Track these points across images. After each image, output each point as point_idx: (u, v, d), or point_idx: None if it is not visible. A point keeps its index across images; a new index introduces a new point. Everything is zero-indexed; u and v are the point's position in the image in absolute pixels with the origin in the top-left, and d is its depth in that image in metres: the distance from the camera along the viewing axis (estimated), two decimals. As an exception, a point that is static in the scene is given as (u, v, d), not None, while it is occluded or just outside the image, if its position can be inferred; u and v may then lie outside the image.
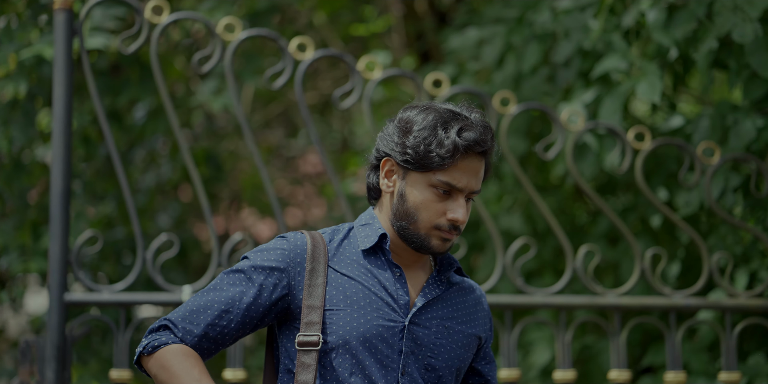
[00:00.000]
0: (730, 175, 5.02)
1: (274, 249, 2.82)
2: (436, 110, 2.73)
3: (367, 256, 2.79)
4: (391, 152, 2.76)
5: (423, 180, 2.72)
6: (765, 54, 4.70)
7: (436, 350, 2.79)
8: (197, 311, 2.79)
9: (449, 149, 2.68)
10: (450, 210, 2.72)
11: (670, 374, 4.59)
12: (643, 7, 5.25)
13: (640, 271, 4.66)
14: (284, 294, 2.78)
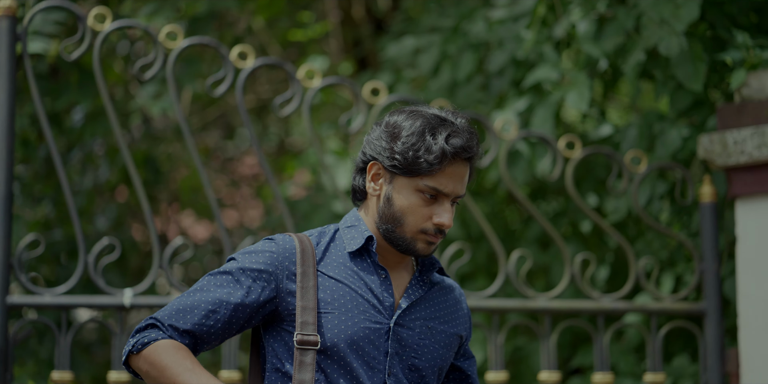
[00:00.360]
0: (657, 182, 5.18)
1: (263, 251, 2.83)
2: (423, 116, 2.76)
3: (354, 258, 2.81)
4: (378, 156, 2.77)
5: (410, 185, 2.75)
6: (690, 66, 4.85)
7: (420, 351, 2.83)
8: (184, 311, 2.79)
9: (437, 155, 2.70)
10: (436, 214, 2.75)
11: (598, 375, 4.73)
12: (574, 18, 5.39)
13: (570, 276, 4.80)
14: (272, 297, 2.80)
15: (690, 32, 5.00)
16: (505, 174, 4.80)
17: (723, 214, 4.98)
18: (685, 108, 5.14)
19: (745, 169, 4.63)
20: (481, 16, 6.02)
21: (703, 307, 4.79)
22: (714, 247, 4.77)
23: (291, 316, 2.79)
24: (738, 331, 4.66)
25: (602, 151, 4.90)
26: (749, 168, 4.61)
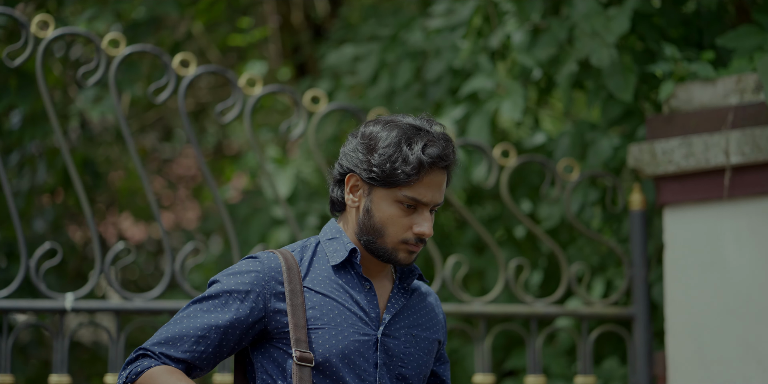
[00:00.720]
0: (589, 190, 5.31)
1: (248, 272, 2.80)
2: (398, 126, 2.75)
3: (338, 271, 2.80)
4: (355, 168, 2.76)
5: (389, 196, 2.74)
6: (621, 77, 4.99)
7: (406, 359, 2.83)
8: (173, 338, 2.76)
9: (414, 166, 2.70)
10: (416, 224, 2.74)
11: (530, 378, 4.84)
12: (509, 29, 5.51)
13: (505, 281, 4.91)
14: (261, 316, 2.77)
15: (621, 44, 5.14)
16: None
17: (652, 221, 5.12)
18: (616, 118, 5.27)
19: (673, 178, 4.76)
20: (419, 25, 6.12)
21: (632, 311, 4.93)
22: (643, 254, 4.90)
23: (281, 333, 2.77)
24: (665, 335, 4.80)
25: (536, 160, 5.02)
26: (677, 177, 4.75)
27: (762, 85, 4.54)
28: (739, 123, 4.62)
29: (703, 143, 4.67)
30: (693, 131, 4.73)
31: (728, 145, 4.61)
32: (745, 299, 4.53)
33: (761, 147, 4.53)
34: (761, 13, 5.38)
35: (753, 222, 4.55)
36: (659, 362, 4.83)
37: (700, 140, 4.67)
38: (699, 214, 4.69)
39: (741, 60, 4.81)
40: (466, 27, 5.66)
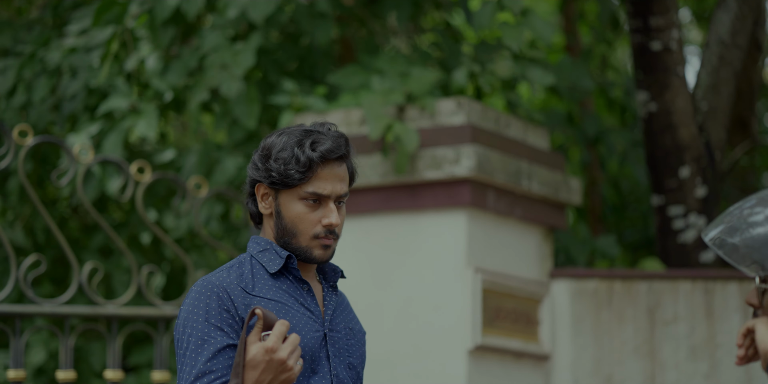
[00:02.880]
0: (215, 204, 5.84)
1: (202, 298, 2.83)
2: (290, 132, 2.91)
3: (277, 278, 2.91)
4: (260, 178, 2.90)
5: (293, 195, 2.87)
6: (246, 106, 5.56)
7: (350, 350, 2.98)
8: (198, 378, 2.81)
9: (305, 163, 2.84)
10: (323, 216, 2.87)
11: (156, 373, 5.28)
12: (143, 54, 5.95)
13: (138, 284, 5.33)
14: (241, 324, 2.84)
15: (247, 76, 5.71)
16: (82, 194, 5.25)
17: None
18: (240, 140, 5.84)
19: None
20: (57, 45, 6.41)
21: (250, 312, 5.49)
22: (261, 262, 5.48)
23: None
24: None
25: (169, 177, 5.48)
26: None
27: (366, 119, 5.24)
28: (347, 151, 5.29)
29: (316, 167, 5.31)
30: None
31: (337, 169, 5.27)
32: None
33: (364, 173, 5.23)
34: (364, 54, 6.14)
35: (355, 237, 5.23)
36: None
37: (314, 165, 5.31)
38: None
39: (348, 96, 5.50)
40: (104, 48, 6.02)
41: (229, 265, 2.93)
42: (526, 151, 5.50)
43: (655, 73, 6.30)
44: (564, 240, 6.37)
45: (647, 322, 5.49)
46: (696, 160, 6.24)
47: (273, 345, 2.62)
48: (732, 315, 5.44)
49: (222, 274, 2.87)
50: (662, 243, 6.27)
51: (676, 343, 5.46)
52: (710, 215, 6.23)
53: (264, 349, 2.63)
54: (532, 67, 5.81)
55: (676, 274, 5.57)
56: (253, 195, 2.95)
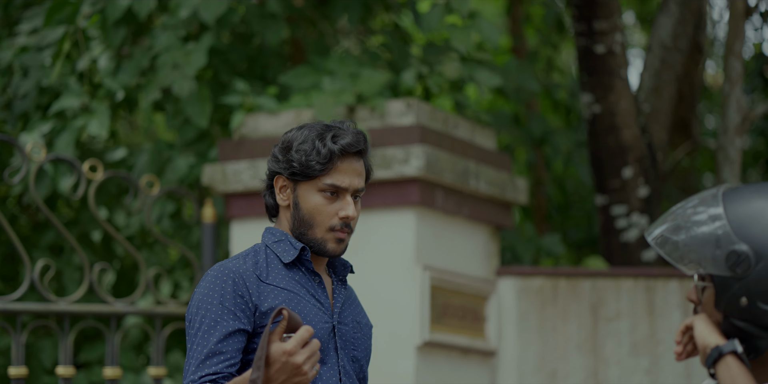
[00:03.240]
0: (167, 203, 5.88)
1: (218, 282, 2.88)
2: (311, 127, 2.98)
3: (290, 269, 2.95)
4: (279, 170, 2.96)
5: (311, 187, 2.93)
6: (198, 105, 5.61)
7: (356, 343, 3.02)
8: (209, 357, 2.84)
9: (326, 155, 2.90)
10: (340, 209, 2.93)
11: (108, 370, 5.32)
12: (95, 54, 5.98)
13: (89, 281, 5.36)
14: (253, 310, 2.89)
15: (199, 76, 5.75)
16: (34, 192, 5.27)
17: (221, 231, 5.77)
18: (192, 140, 5.88)
19: (241, 195, 5.44)
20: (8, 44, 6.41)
21: (201, 309, 5.54)
22: (212, 259, 5.53)
23: (261, 328, 2.88)
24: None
25: (121, 175, 5.52)
26: (244, 195, 5.43)
27: (317, 119, 5.30)
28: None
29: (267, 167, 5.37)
30: (259, 156, 5.42)
31: (288, 169, 5.34)
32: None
33: (315, 172, 5.29)
34: (315, 55, 6.21)
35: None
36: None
37: (265, 164, 5.36)
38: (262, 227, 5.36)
39: (299, 96, 5.57)
40: (55, 48, 6.04)
41: (244, 253, 2.97)
42: (474, 151, 5.60)
43: (599, 75, 6.42)
44: (510, 238, 6.47)
45: (591, 319, 5.60)
46: (639, 161, 6.38)
47: (292, 348, 2.64)
48: (672, 312, 5.57)
49: (239, 262, 2.91)
50: (605, 242, 6.41)
51: (618, 339, 5.58)
52: (652, 215, 6.36)
53: (282, 351, 2.64)
54: (480, 69, 5.91)
55: (618, 272, 5.69)
56: (271, 187, 3.00)
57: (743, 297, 2.38)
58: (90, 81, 6.04)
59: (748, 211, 2.40)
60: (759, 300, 2.38)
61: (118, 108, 6.20)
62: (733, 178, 6.66)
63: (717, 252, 2.40)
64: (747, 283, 2.38)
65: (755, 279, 2.37)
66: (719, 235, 2.40)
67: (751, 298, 2.38)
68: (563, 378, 5.57)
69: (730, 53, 6.69)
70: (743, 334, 2.41)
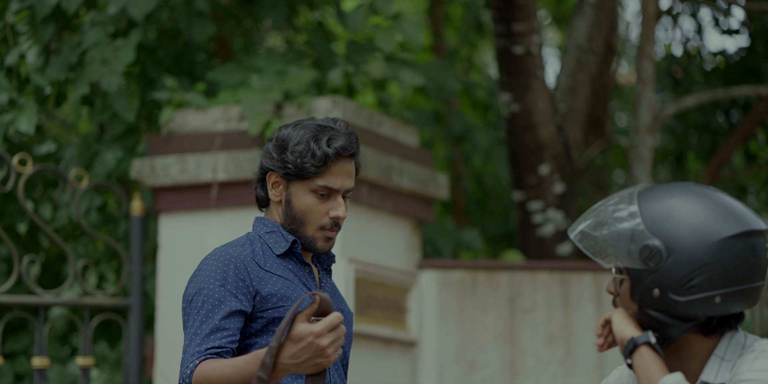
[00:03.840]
0: (94, 196, 5.93)
1: (220, 266, 2.96)
2: (305, 126, 3.06)
3: (283, 259, 3.05)
4: (273, 167, 3.04)
5: (304, 187, 3.03)
6: (126, 100, 5.67)
7: None
8: (213, 332, 2.91)
9: (320, 158, 3.00)
10: (331, 209, 3.02)
11: (36, 360, 5.37)
12: (23, 49, 6.01)
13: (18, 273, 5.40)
14: (254, 294, 2.97)
15: (127, 72, 5.81)
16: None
17: (148, 224, 5.84)
18: (120, 134, 5.94)
19: (169, 189, 5.52)
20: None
21: (129, 301, 5.61)
22: (140, 252, 5.61)
23: (262, 312, 2.97)
24: (155, 322, 5.54)
25: (50, 169, 5.57)
26: (172, 189, 5.51)
27: (245, 115, 5.40)
28: (226, 146, 5.46)
29: (196, 161, 5.46)
30: (187, 151, 5.50)
31: (216, 164, 5.43)
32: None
33: (243, 167, 5.40)
34: (242, 52, 6.30)
35: (234, 228, 5.39)
36: (149, 345, 5.56)
37: (193, 159, 5.46)
38: (190, 221, 5.48)
39: (226, 92, 5.65)
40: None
41: (240, 242, 3.05)
42: (397, 148, 5.74)
43: (517, 75, 6.60)
44: (431, 233, 6.62)
45: (508, 311, 5.77)
46: (555, 159, 6.57)
47: (320, 330, 2.67)
48: (586, 304, 5.76)
49: (238, 249, 3.00)
50: (522, 236, 6.59)
51: (534, 330, 5.76)
52: (567, 210, 6.56)
53: (310, 331, 2.68)
54: (403, 69, 6.04)
55: (535, 266, 5.87)
56: (263, 181, 3.09)
57: (656, 288, 2.53)
58: (18, 76, 6.06)
59: (660, 209, 2.55)
60: (670, 291, 2.53)
61: (45, 102, 6.22)
62: (644, 175, 6.89)
63: (632, 247, 2.54)
64: (659, 275, 2.53)
65: (666, 272, 2.52)
66: (634, 231, 2.55)
67: (663, 289, 2.53)
68: (481, 368, 5.73)
69: (642, 55, 6.91)
70: (657, 324, 2.56)
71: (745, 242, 2.53)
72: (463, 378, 5.71)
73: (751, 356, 2.52)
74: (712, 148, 10.04)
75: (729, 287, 2.52)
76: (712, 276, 2.51)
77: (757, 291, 2.55)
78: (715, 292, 2.52)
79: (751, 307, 2.58)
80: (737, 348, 2.57)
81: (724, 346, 2.57)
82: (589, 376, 5.70)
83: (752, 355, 2.52)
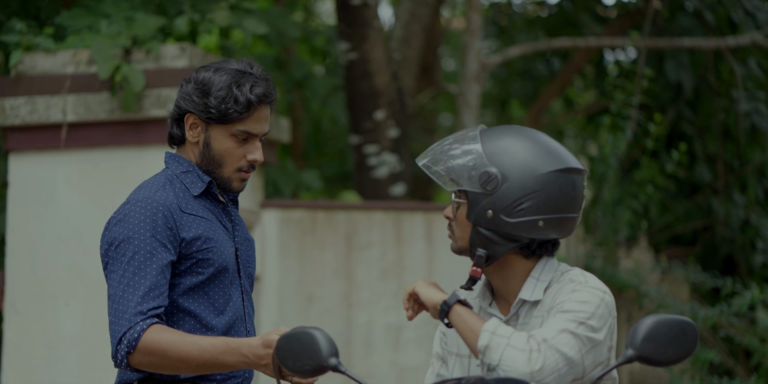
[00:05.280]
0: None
1: (149, 214, 3.00)
2: (227, 71, 3.06)
3: (200, 199, 3.10)
4: (193, 110, 3.05)
5: (224, 131, 3.05)
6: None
7: (249, 260, 3.22)
8: (150, 291, 2.97)
9: (244, 104, 3.02)
10: (249, 152, 3.08)
11: None
12: None
13: None
14: (179, 242, 3.03)
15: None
16: None
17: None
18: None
19: (19, 129, 5.58)
20: None
21: (-21, 238, 5.68)
22: (-10, 191, 5.67)
23: (187, 256, 3.04)
24: (5, 257, 5.62)
25: None
26: (22, 129, 5.58)
27: (95, 59, 5.49)
28: (75, 89, 5.54)
29: (45, 103, 5.53)
30: (37, 93, 5.57)
31: (66, 105, 5.52)
32: (73, 229, 5.48)
33: (92, 109, 5.50)
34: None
35: (83, 168, 5.52)
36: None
37: (43, 100, 5.53)
38: (40, 160, 5.56)
39: (75, 37, 5.71)
40: None
41: (160, 183, 3.09)
42: (242, 93, 5.90)
43: (354, 25, 6.83)
44: (273, 174, 6.83)
45: (345, 248, 6.05)
46: (389, 105, 6.84)
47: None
48: (418, 242, 6.08)
49: (163, 193, 3.04)
50: (358, 178, 6.87)
51: (369, 266, 6.05)
52: (401, 154, 6.86)
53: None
54: (248, 17, 6.19)
55: (370, 206, 6.15)
56: (178, 121, 3.11)
57: (490, 210, 2.86)
58: None
59: (499, 144, 2.89)
60: (502, 213, 2.86)
61: None
62: (471, 120, 7.23)
63: (473, 173, 2.86)
64: (494, 198, 2.86)
65: (500, 196, 2.85)
66: (476, 160, 2.86)
67: (496, 211, 2.86)
68: (319, 301, 6.00)
69: (471, 7, 7.21)
70: (487, 242, 2.88)
71: (567, 177, 2.87)
72: (302, 311, 5.97)
73: (569, 286, 2.85)
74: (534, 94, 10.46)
75: (551, 214, 2.86)
76: (538, 202, 2.85)
77: (573, 221, 2.90)
78: (540, 216, 2.85)
79: (566, 236, 2.93)
80: (551, 271, 2.91)
81: (540, 268, 2.92)
82: (419, 308, 6.03)
83: (571, 286, 2.85)
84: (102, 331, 5.35)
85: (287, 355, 2.75)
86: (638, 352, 2.70)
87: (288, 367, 2.76)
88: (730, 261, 8.94)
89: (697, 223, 8.79)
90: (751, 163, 8.71)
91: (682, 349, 2.71)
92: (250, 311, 3.18)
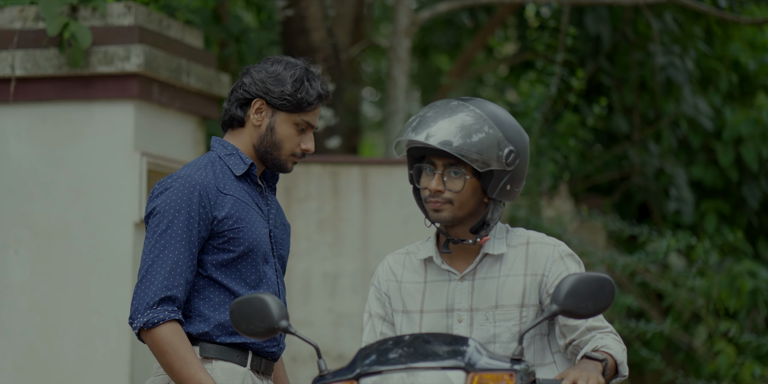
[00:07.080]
0: None
1: (186, 192, 3.23)
2: (298, 66, 3.33)
3: (239, 180, 3.32)
4: (265, 96, 3.28)
5: (290, 119, 3.30)
6: None
7: (283, 243, 3.44)
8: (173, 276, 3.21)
9: (315, 97, 3.29)
10: (304, 142, 3.34)
11: None
12: None
13: None
14: (211, 220, 3.26)
15: None
16: None
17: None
18: None
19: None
20: None
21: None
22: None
23: (219, 233, 3.27)
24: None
25: None
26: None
27: (42, 16, 5.56)
28: (23, 44, 5.61)
29: (-6, 58, 5.61)
30: None
31: (14, 60, 5.59)
32: (22, 181, 5.58)
33: (40, 64, 5.59)
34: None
35: (32, 122, 5.62)
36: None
37: (-8, 55, 5.60)
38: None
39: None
40: None
41: (203, 163, 3.31)
42: (185, 49, 6.03)
43: (291, -18, 6.94)
44: (214, 128, 6.96)
45: (285, 200, 6.24)
46: (325, 61, 7.00)
47: None
48: (354, 194, 6.29)
49: (202, 173, 3.27)
50: (295, 131, 7.01)
51: (307, 217, 6.25)
52: (336, 108, 7.03)
53: None
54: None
55: (308, 159, 6.34)
56: (244, 105, 3.32)
57: (509, 185, 3.11)
58: None
59: (504, 123, 3.10)
60: (515, 186, 3.13)
61: None
62: (402, 74, 7.41)
63: (500, 152, 3.08)
64: (512, 174, 3.11)
65: (516, 171, 3.11)
66: (499, 141, 3.08)
67: (513, 185, 3.12)
68: (259, 249, 6.19)
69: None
70: (498, 214, 3.15)
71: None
72: (243, 259, 6.16)
73: (554, 255, 3.14)
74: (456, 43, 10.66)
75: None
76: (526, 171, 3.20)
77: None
78: (523, 183, 3.19)
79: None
80: (503, 230, 3.21)
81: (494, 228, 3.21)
82: (354, 257, 6.25)
83: (555, 255, 3.14)
84: (52, 279, 5.50)
85: (240, 319, 2.95)
86: (561, 307, 2.89)
87: (242, 330, 2.95)
88: (645, 208, 9.30)
89: (615, 172, 9.12)
90: (667, 115, 9.03)
91: (601, 303, 2.90)
92: (283, 289, 3.40)
